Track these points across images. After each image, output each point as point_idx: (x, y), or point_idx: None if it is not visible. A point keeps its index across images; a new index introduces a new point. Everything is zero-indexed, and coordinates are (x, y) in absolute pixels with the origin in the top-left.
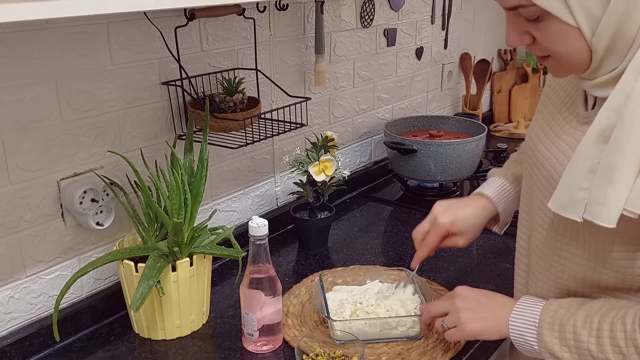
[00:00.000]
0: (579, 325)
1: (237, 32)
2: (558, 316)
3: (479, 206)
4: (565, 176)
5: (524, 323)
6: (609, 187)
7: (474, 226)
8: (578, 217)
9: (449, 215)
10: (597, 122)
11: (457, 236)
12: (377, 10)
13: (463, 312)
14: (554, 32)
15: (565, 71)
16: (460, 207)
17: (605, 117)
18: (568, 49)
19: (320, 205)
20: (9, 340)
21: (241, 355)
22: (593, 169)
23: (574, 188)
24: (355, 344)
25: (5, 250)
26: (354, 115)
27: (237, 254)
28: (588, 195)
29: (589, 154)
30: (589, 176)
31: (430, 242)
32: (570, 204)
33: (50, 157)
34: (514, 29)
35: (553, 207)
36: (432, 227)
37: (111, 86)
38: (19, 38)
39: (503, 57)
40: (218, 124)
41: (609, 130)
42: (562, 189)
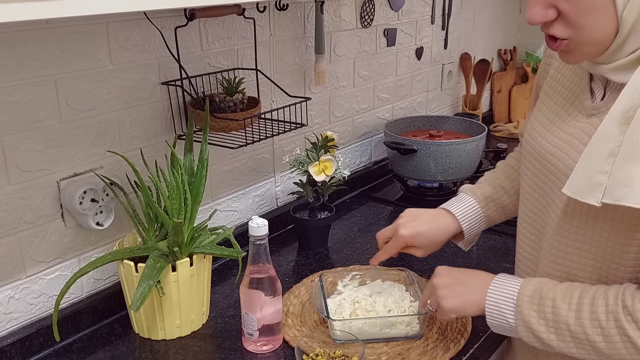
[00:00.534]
0: (558, 299)
1: (237, 32)
2: (538, 289)
3: (443, 223)
4: (583, 161)
5: (502, 296)
6: (634, 167)
7: (434, 242)
8: (597, 201)
9: (411, 229)
10: (619, 104)
11: (416, 248)
12: (377, 10)
13: (440, 290)
14: (586, 2)
15: (582, 54)
16: (424, 222)
17: (629, 97)
18: (596, 22)
19: (320, 205)
20: (9, 340)
21: (241, 355)
22: (614, 152)
23: (593, 172)
24: (355, 343)
25: (5, 250)
26: (354, 115)
27: (237, 254)
28: (608, 178)
29: (610, 136)
30: (610, 159)
31: (390, 249)
32: (589, 188)
33: (50, 157)
34: (538, 3)
35: (569, 192)
36: (394, 236)
37: (111, 86)
38: (18, 38)
39: (503, 57)
40: (218, 124)
41: (633, 111)
42: (579, 173)
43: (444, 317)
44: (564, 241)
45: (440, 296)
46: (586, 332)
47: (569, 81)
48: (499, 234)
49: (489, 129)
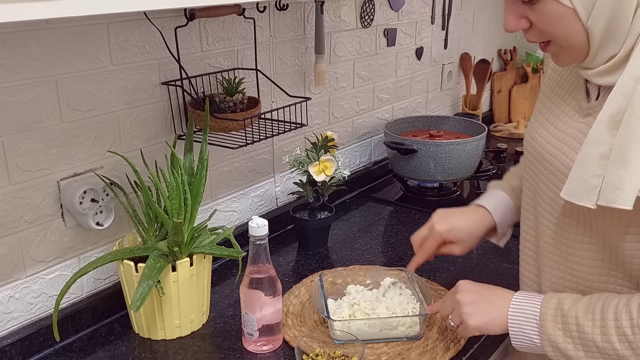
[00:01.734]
0: (580, 316)
1: (237, 32)
2: (560, 308)
3: (476, 216)
4: (577, 164)
5: (524, 316)
6: (623, 170)
7: (470, 235)
8: (592, 204)
9: (446, 224)
10: (606, 108)
11: (453, 244)
12: (377, 10)
13: (464, 307)
14: (550, 13)
15: (567, 57)
16: (457, 216)
17: (615, 102)
18: (565, 31)
19: (320, 205)
20: (9, 340)
21: (241, 355)
22: (605, 155)
23: (587, 175)
24: (355, 344)
25: (6, 250)
26: (354, 115)
27: (237, 254)
28: (601, 181)
29: (600, 141)
30: (602, 162)
31: (427, 249)
32: (584, 191)
33: (50, 157)
34: (511, 14)
35: (566, 196)
36: (430, 234)
37: (111, 86)
38: (19, 38)
39: (503, 57)
40: (218, 124)
41: (620, 115)
42: (574, 177)
43: (466, 333)
44: (565, 234)
45: (465, 313)
46: (615, 348)
47: (565, 81)
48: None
49: (489, 129)
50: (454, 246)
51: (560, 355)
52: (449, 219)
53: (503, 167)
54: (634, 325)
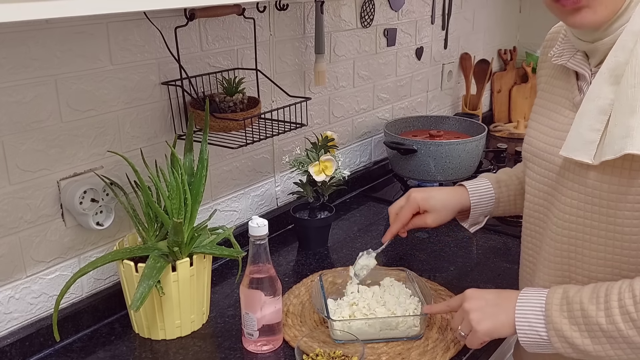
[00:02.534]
0: (585, 301)
1: (237, 32)
2: (565, 296)
3: (453, 191)
4: (576, 121)
5: (530, 309)
6: (631, 118)
7: (445, 208)
8: (589, 158)
9: (423, 192)
10: (606, 64)
11: (427, 214)
12: (377, 10)
13: (472, 314)
14: None
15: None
16: (435, 189)
17: (615, 56)
18: None
19: (320, 205)
20: (9, 340)
21: (241, 355)
22: (604, 109)
23: (583, 129)
24: (355, 344)
25: (6, 250)
26: (354, 115)
27: (237, 254)
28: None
29: (599, 94)
30: (600, 117)
31: (402, 217)
32: (581, 145)
33: (50, 157)
34: None
35: (564, 152)
36: (406, 202)
37: (111, 86)
38: (19, 38)
39: (503, 57)
40: (218, 124)
41: (619, 69)
42: (572, 132)
43: (476, 341)
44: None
45: (473, 319)
46: (619, 329)
47: (558, 87)
48: (499, 234)
49: (489, 129)
50: (427, 215)
51: (567, 345)
52: (427, 189)
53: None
54: (637, 302)
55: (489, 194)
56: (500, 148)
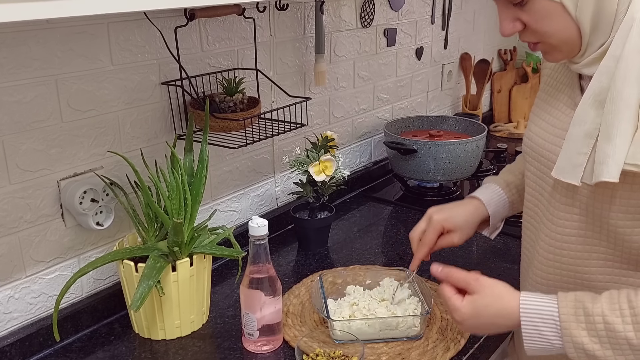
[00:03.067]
0: (608, 314)
1: (237, 32)
2: (581, 306)
3: (471, 207)
4: (565, 144)
5: (539, 318)
6: (608, 145)
7: (468, 224)
8: (577, 181)
9: (444, 213)
10: (590, 88)
11: (452, 233)
12: (377, 10)
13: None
14: (540, 11)
15: (559, 53)
16: (453, 207)
17: (598, 81)
18: (556, 27)
19: (320, 205)
20: (9, 340)
21: (241, 355)
22: (590, 133)
23: (572, 153)
24: (355, 344)
25: (5, 250)
26: (354, 115)
27: (237, 254)
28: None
29: (584, 119)
30: (586, 141)
31: (428, 240)
32: (570, 168)
33: (50, 157)
34: (505, 18)
35: (554, 174)
36: (428, 225)
37: (111, 86)
38: (19, 38)
39: (503, 57)
40: (218, 124)
41: (603, 94)
42: (562, 155)
43: None
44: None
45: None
46: None
47: (560, 78)
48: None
49: (489, 129)
50: (453, 235)
51: (584, 356)
52: (446, 209)
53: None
54: None
55: (503, 200)
56: (500, 148)
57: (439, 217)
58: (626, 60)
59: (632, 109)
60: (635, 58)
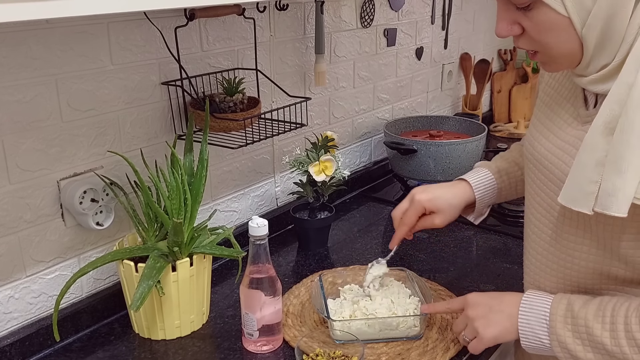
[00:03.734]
0: (590, 318)
1: (237, 32)
2: (570, 309)
3: (457, 188)
4: (574, 170)
5: (534, 316)
6: (617, 178)
7: (451, 206)
8: (589, 210)
9: (427, 193)
10: (601, 115)
11: (434, 214)
12: (377, 10)
13: (477, 321)
14: (544, 21)
15: (556, 65)
16: (439, 188)
17: (609, 109)
18: (557, 40)
19: (320, 205)
20: (9, 340)
21: (241, 355)
22: (600, 161)
23: (583, 181)
24: (355, 344)
25: (5, 250)
26: (354, 115)
27: (237, 254)
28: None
29: (595, 147)
30: (598, 169)
31: (408, 220)
32: (581, 197)
33: (50, 157)
34: (504, 19)
35: (563, 201)
36: (410, 205)
37: (111, 86)
38: (19, 38)
39: (503, 57)
40: (218, 124)
41: (614, 122)
42: (571, 183)
43: (481, 347)
44: (564, 239)
45: (479, 327)
46: (624, 352)
47: (564, 88)
48: (499, 234)
49: (489, 129)
50: (434, 216)
51: (569, 355)
52: (430, 189)
53: None
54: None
55: (492, 185)
56: (500, 148)
57: (422, 197)
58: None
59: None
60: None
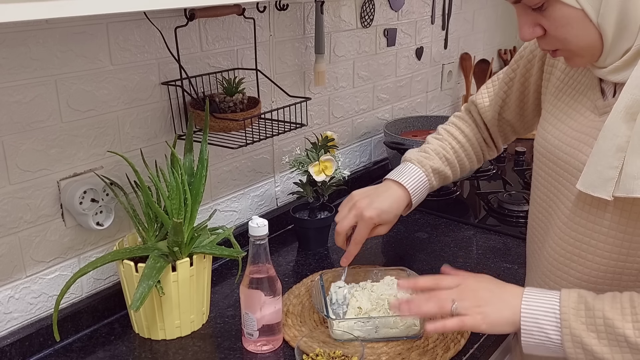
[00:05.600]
0: (608, 309)
1: (237, 32)
2: (582, 301)
3: (398, 198)
4: (593, 157)
5: (541, 310)
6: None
7: (396, 216)
8: (608, 195)
9: (375, 209)
10: (621, 101)
11: (381, 226)
12: (377, 10)
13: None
14: (560, 17)
15: (580, 59)
16: (382, 200)
17: (631, 94)
18: (577, 33)
19: (320, 205)
20: (9, 340)
21: (241, 355)
22: (622, 147)
23: (602, 167)
24: (355, 343)
25: (5, 250)
26: (354, 115)
27: (237, 254)
28: (618, 173)
29: (616, 133)
30: (618, 154)
31: (360, 238)
32: (600, 183)
33: (50, 157)
34: (525, 23)
35: (582, 187)
36: (360, 222)
37: (111, 86)
38: (19, 38)
39: (503, 57)
40: (218, 124)
41: (635, 107)
42: (590, 169)
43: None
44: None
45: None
46: None
47: (576, 81)
48: (499, 234)
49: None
50: (381, 227)
51: (581, 351)
52: (375, 203)
53: (503, 167)
54: None
55: (425, 188)
56: None
57: (372, 214)
58: None
59: None
60: None
